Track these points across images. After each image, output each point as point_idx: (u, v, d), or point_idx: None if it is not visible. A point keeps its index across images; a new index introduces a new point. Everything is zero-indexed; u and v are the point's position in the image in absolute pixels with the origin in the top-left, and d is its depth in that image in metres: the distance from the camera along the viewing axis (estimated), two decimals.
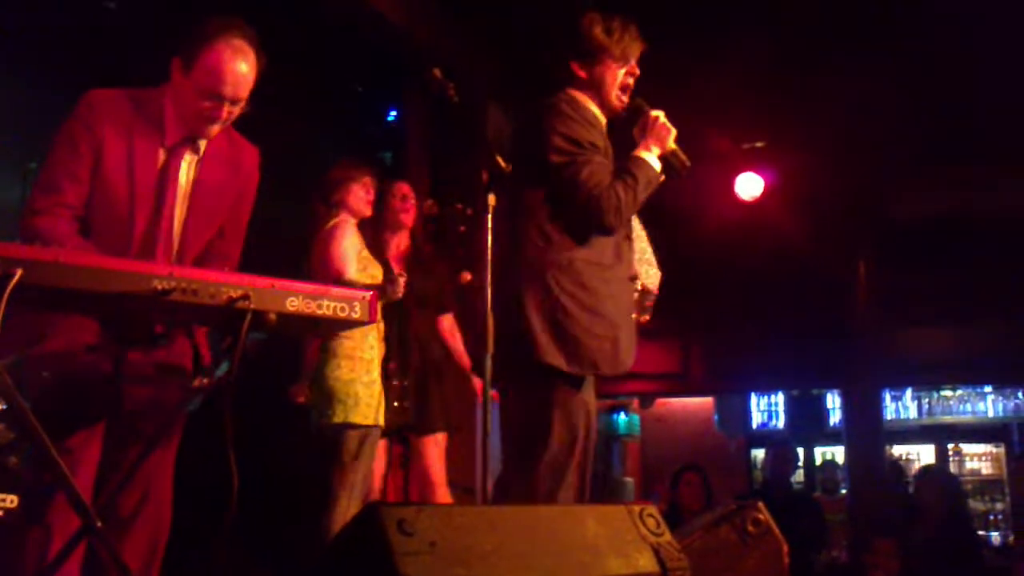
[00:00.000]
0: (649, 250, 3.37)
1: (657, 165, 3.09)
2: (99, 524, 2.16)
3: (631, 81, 3.18)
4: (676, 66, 5.59)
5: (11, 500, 3.49)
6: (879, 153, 7.20)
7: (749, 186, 7.50)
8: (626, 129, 3.20)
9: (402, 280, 3.96)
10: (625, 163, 3.08)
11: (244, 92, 2.56)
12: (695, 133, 6.51)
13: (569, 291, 2.95)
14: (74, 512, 2.18)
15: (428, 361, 4.54)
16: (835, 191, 7.53)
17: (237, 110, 2.59)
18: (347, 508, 3.75)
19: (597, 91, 3.15)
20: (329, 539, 3.61)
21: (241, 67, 2.52)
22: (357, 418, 3.84)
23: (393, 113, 6.81)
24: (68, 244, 2.28)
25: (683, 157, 3.15)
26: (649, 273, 3.33)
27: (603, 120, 3.19)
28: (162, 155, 2.59)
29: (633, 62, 3.17)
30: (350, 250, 3.97)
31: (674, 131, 3.13)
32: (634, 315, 3.22)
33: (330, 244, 3.96)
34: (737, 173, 7.51)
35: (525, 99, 3.32)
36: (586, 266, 2.99)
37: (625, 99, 3.18)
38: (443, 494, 4.56)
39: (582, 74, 3.15)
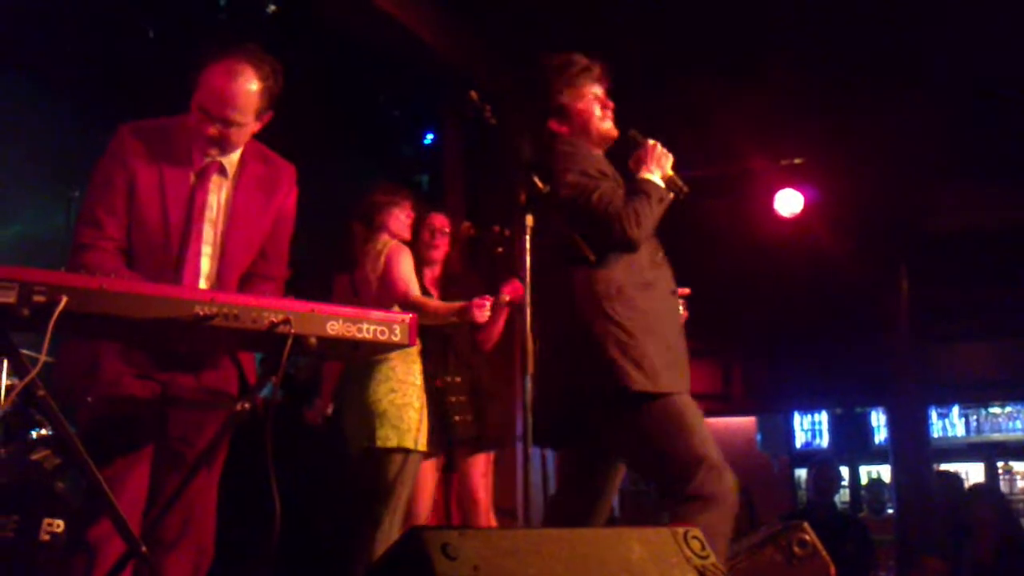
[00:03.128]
0: None
1: (663, 184, 3.11)
2: (143, 549, 2.17)
3: (608, 111, 3.24)
4: (718, 86, 5.59)
5: (58, 524, 3.53)
6: (921, 167, 7.12)
7: (789, 203, 7.43)
8: (622, 161, 3.23)
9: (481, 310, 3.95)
10: (632, 185, 3.11)
11: (236, 114, 2.56)
12: (735, 151, 6.54)
13: (627, 316, 2.95)
14: (119, 536, 2.20)
15: (474, 379, 4.53)
16: (876, 206, 7.45)
17: (233, 133, 2.60)
18: (390, 531, 3.74)
19: (585, 132, 3.22)
20: (371, 562, 3.60)
21: (234, 88, 2.54)
22: (408, 443, 3.84)
23: (430, 136, 6.85)
24: (115, 275, 2.31)
25: (680, 183, 3.17)
26: None
27: (601, 155, 3.25)
28: (192, 180, 2.63)
29: (600, 94, 3.23)
30: (411, 272, 3.99)
31: (671, 157, 3.16)
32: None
33: (392, 268, 3.97)
34: (776, 190, 7.45)
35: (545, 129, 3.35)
36: (635, 290, 3.00)
37: (610, 123, 3.24)
38: (489, 517, 4.53)
39: (563, 130, 3.23)
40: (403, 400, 3.86)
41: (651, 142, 3.17)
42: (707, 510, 2.82)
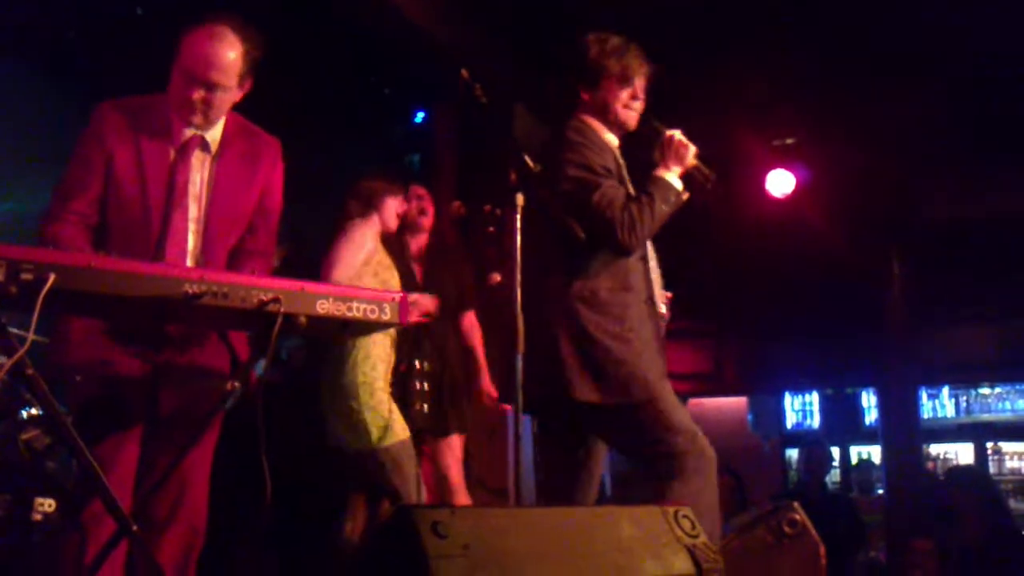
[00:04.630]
0: (657, 270, 3.37)
1: (678, 184, 3.08)
2: (135, 527, 2.17)
3: (635, 103, 3.18)
4: (710, 65, 5.58)
5: (49, 504, 3.53)
6: (914, 150, 7.12)
7: (780, 183, 7.42)
8: (647, 152, 3.19)
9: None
10: (644, 183, 3.09)
11: (219, 77, 2.56)
12: (727, 130, 6.53)
13: (595, 321, 2.98)
14: (110, 516, 2.20)
15: (444, 362, 4.52)
16: (869, 188, 7.45)
17: (217, 98, 2.59)
18: None
19: (603, 113, 3.17)
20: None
21: (217, 50, 2.54)
22: (391, 439, 3.85)
23: (421, 115, 6.83)
24: (72, 248, 2.30)
25: (706, 171, 3.14)
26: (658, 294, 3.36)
27: (615, 141, 3.21)
28: (172, 155, 2.62)
29: (637, 83, 3.17)
30: (350, 254, 3.96)
31: (693, 147, 3.12)
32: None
33: (334, 246, 3.95)
34: (768, 171, 7.44)
35: (555, 102, 3.32)
36: (609, 294, 3.02)
37: (633, 116, 3.19)
38: (462, 499, 4.53)
39: (586, 97, 3.18)
40: (375, 401, 3.86)
41: (668, 133, 3.12)
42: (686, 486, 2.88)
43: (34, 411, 4.04)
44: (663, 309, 3.32)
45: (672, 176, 3.07)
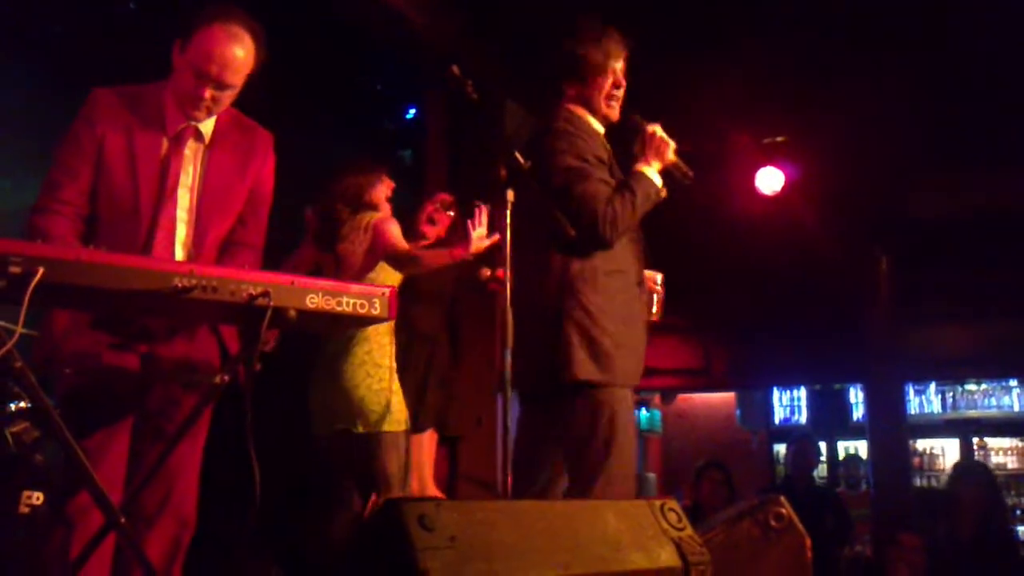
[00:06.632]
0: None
1: (658, 180, 3.12)
2: (123, 520, 2.17)
3: (618, 91, 3.23)
4: (700, 61, 5.59)
5: (37, 497, 3.52)
6: (901, 148, 7.14)
7: (770, 181, 7.45)
8: (628, 145, 3.22)
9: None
10: (626, 178, 3.12)
11: (232, 77, 2.57)
12: (716, 128, 6.54)
13: (599, 304, 3.01)
14: (97, 508, 2.20)
15: (432, 358, 4.49)
16: (858, 186, 7.48)
17: (225, 96, 2.60)
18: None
19: (588, 104, 3.22)
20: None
21: (233, 51, 2.54)
22: (387, 426, 3.85)
23: (412, 111, 6.83)
24: (59, 242, 2.30)
25: (685, 169, 3.19)
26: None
27: (601, 130, 3.25)
28: (165, 145, 2.61)
29: (618, 68, 3.21)
30: (400, 234, 4.01)
31: (673, 144, 3.16)
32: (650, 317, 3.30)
33: (383, 231, 3.97)
34: (758, 168, 7.47)
35: (542, 98, 3.35)
36: (608, 277, 3.06)
37: (615, 106, 3.23)
38: (435, 492, 4.53)
39: (571, 91, 3.23)
40: (379, 385, 3.86)
41: (650, 129, 3.15)
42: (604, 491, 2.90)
43: (22, 404, 4.03)
44: (659, 287, 3.35)
45: (652, 171, 3.11)
